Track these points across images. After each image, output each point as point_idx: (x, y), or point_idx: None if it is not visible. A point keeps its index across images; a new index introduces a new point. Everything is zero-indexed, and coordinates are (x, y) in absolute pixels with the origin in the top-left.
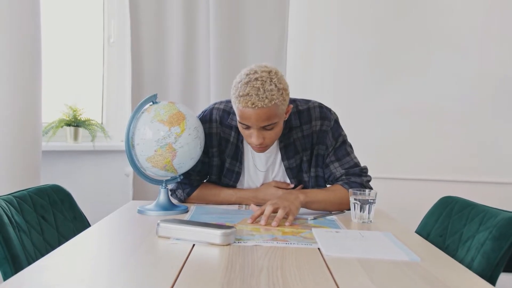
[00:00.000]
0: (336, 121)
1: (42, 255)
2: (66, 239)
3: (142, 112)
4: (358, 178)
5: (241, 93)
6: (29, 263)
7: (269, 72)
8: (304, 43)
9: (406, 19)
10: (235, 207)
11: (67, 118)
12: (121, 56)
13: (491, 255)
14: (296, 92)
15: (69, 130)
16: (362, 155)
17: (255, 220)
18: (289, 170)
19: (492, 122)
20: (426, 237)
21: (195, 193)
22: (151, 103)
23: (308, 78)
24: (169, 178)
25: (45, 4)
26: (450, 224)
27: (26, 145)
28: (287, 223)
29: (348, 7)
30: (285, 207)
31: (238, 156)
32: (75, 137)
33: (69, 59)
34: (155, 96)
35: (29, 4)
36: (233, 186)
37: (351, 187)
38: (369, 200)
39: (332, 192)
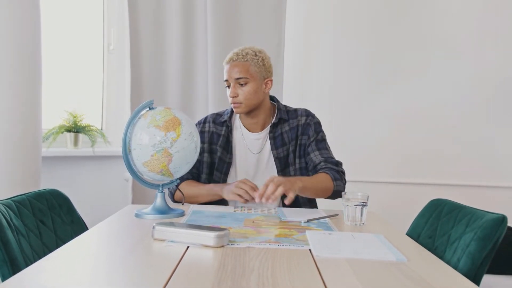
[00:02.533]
0: (319, 122)
1: (40, 258)
2: (64, 242)
3: (139, 118)
4: (335, 166)
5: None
6: (27, 265)
7: (254, 47)
8: (301, 48)
9: (402, 24)
10: (231, 210)
11: (68, 124)
12: (121, 63)
13: (476, 255)
14: (294, 96)
15: (69, 136)
16: (358, 158)
17: (261, 197)
18: (277, 160)
19: (489, 126)
20: (416, 239)
21: (185, 187)
22: (148, 109)
23: (305, 82)
24: (166, 182)
25: (46, 11)
26: (439, 226)
27: (26, 151)
28: (287, 201)
29: (345, 12)
30: (285, 185)
31: (228, 147)
32: (75, 143)
33: (70, 65)
34: (151, 102)
35: (30, 11)
36: (223, 179)
37: (331, 174)
38: (362, 203)
39: (318, 178)
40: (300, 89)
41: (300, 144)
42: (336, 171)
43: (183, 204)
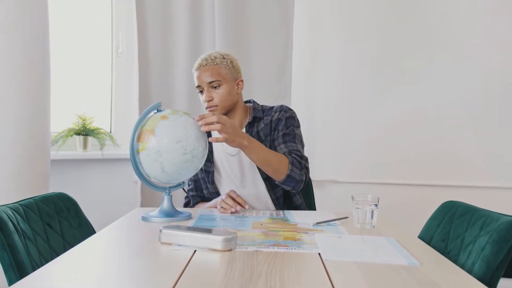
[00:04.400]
0: (293, 117)
1: (47, 261)
2: (71, 246)
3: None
4: (300, 158)
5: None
6: (34, 270)
7: (220, 51)
8: (309, 49)
9: (410, 25)
10: (239, 213)
11: (77, 127)
12: (129, 66)
13: (491, 259)
14: (301, 96)
15: (78, 139)
16: (366, 159)
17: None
18: None
19: (497, 127)
20: (429, 242)
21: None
22: (156, 111)
23: (313, 83)
24: (172, 185)
25: (55, 14)
26: (452, 229)
27: (35, 154)
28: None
29: (353, 13)
30: (227, 129)
31: (208, 157)
32: (84, 146)
33: (79, 69)
34: (159, 104)
35: (38, 14)
36: (214, 188)
37: (291, 158)
38: (372, 205)
39: (273, 152)
40: (307, 90)
41: (272, 140)
42: (298, 161)
43: None
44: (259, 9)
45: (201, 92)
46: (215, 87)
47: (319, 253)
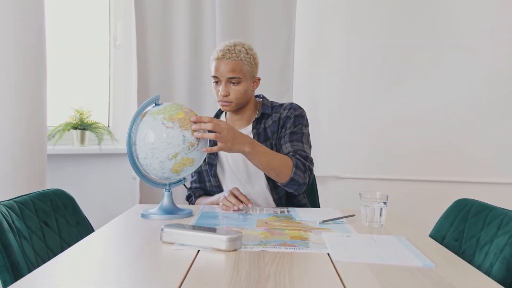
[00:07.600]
0: (303, 116)
1: (44, 261)
2: (69, 244)
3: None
4: (304, 160)
5: (217, 49)
6: (30, 270)
7: (244, 44)
8: (311, 45)
9: (416, 21)
10: (242, 211)
11: (74, 121)
12: (127, 58)
13: None
14: (304, 93)
15: (76, 133)
16: (374, 156)
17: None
18: None
19: (507, 123)
20: (441, 242)
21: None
22: (154, 104)
23: (316, 80)
24: (173, 181)
25: (51, 7)
26: (466, 228)
27: (32, 149)
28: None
29: (357, 9)
30: (224, 138)
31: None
32: (82, 140)
33: (76, 62)
34: (157, 97)
35: (34, 7)
36: (216, 181)
37: (295, 160)
38: (381, 203)
39: (276, 155)
40: (310, 87)
41: (279, 138)
42: (302, 163)
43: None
44: (261, 2)
45: (216, 82)
46: (234, 83)
47: (328, 254)
